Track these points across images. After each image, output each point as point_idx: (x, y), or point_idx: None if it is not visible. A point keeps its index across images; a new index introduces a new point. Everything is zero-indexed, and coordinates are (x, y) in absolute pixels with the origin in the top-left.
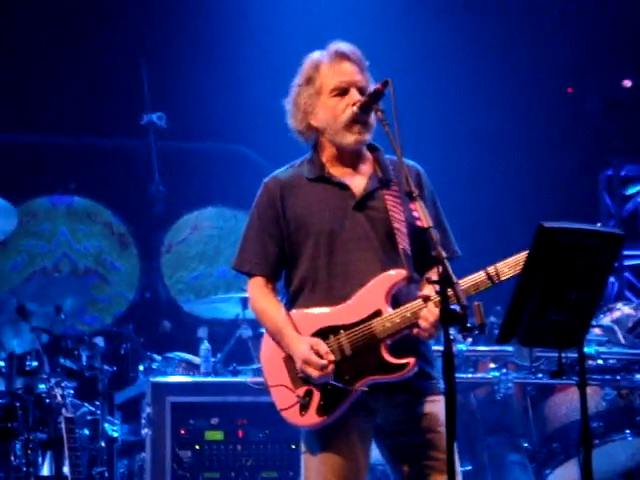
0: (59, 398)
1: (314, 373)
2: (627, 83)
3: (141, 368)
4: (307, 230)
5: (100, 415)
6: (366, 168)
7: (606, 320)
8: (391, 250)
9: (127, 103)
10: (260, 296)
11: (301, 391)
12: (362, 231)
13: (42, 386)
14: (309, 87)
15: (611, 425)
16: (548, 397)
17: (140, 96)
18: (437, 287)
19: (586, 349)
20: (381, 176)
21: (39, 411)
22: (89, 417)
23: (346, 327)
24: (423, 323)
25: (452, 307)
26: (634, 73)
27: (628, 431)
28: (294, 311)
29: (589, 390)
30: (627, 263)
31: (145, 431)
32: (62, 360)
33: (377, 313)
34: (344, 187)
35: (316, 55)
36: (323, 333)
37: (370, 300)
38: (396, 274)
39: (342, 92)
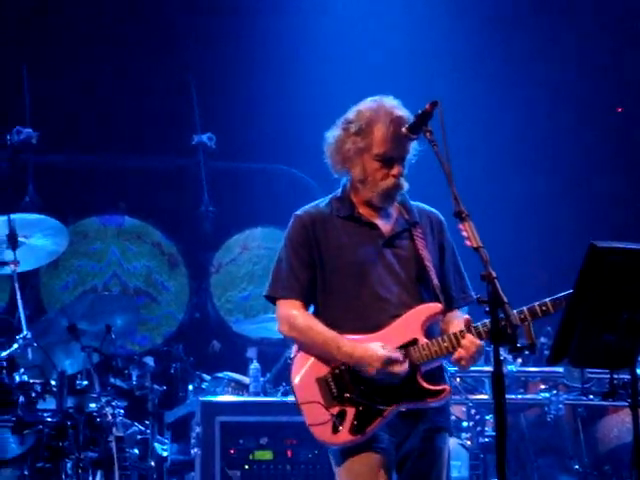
0: (109, 417)
1: (397, 369)
2: None
3: (190, 388)
4: (340, 262)
5: (150, 434)
6: (392, 211)
7: None
8: (418, 286)
9: (177, 124)
10: (301, 315)
11: (335, 410)
12: (391, 267)
13: (93, 405)
14: (357, 138)
15: None
16: (599, 419)
17: (190, 117)
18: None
19: (638, 371)
20: (407, 218)
21: (90, 430)
22: (139, 436)
23: None
24: (463, 352)
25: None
26: None
27: None
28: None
29: None
30: None
31: (195, 450)
32: (112, 379)
33: (413, 341)
34: (373, 227)
35: (373, 107)
36: None
37: (407, 329)
38: (433, 306)
39: (387, 161)
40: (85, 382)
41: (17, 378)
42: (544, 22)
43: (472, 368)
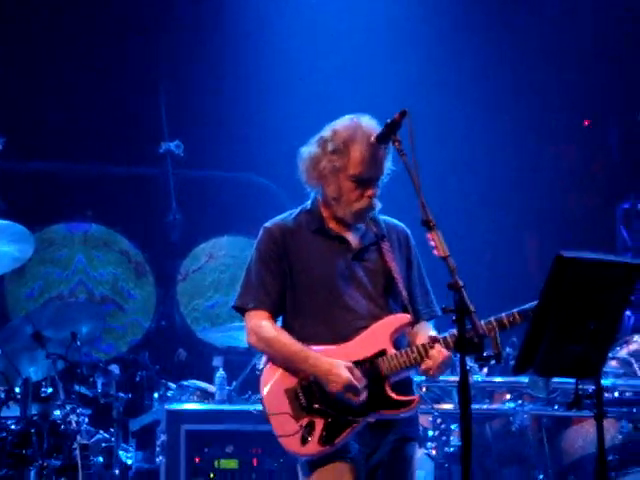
0: (74, 425)
1: (355, 399)
2: None
3: (156, 396)
4: (309, 275)
5: (115, 442)
6: (361, 225)
7: (623, 353)
8: (386, 297)
9: (144, 132)
10: (269, 327)
11: (304, 421)
12: (360, 281)
13: (57, 413)
14: (333, 157)
15: (627, 458)
16: (564, 429)
17: (158, 125)
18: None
19: (603, 381)
20: (375, 231)
21: (54, 438)
22: (104, 444)
23: (354, 363)
24: (430, 363)
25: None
26: None
27: None
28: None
29: (605, 423)
30: None
31: (160, 459)
32: (77, 387)
33: (382, 352)
34: (342, 240)
35: (350, 126)
36: None
37: (376, 340)
38: (402, 317)
39: (363, 182)
40: (50, 389)
41: None
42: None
43: (438, 378)
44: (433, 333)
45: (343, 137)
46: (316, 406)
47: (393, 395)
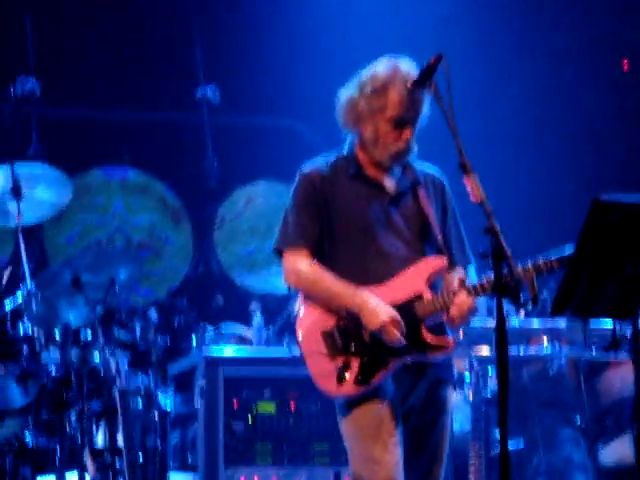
0: (113, 369)
1: (396, 336)
2: None
3: (194, 340)
4: (347, 219)
5: (153, 386)
6: (398, 170)
7: None
8: (422, 243)
9: (180, 77)
10: (310, 266)
11: (340, 361)
12: (396, 225)
13: (96, 357)
14: (372, 99)
15: None
16: (601, 373)
17: (194, 70)
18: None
19: None
20: (411, 177)
21: (93, 382)
22: (142, 388)
23: (393, 306)
24: (454, 311)
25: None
26: None
27: None
28: None
29: None
30: None
31: (198, 403)
32: (116, 332)
33: (418, 296)
34: (380, 186)
35: (388, 69)
36: None
37: (412, 283)
38: (438, 260)
39: (400, 124)
40: (89, 334)
41: (21, 329)
42: None
43: (475, 322)
44: (459, 278)
45: (381, 79)
46: (352, 346)
47: (429, 337)
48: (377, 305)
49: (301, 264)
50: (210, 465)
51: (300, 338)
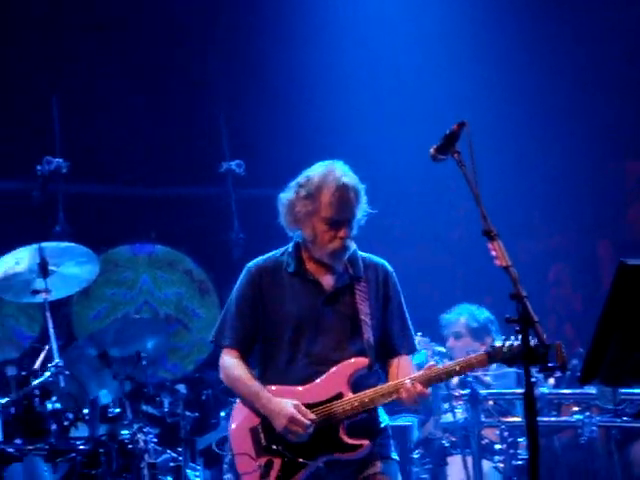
0: (142, 444)
1: (299, 430)
2: None
3: (223, 414)
4: (280, 317)
5: (182, 461)
6: (339, 266)
7: None
8: (355, 340)
9: (205, 152)
10: (235, 365)
11: (263, 460)
12: (328, 323)
13: (125, 432)
14: (307, 202)
15: None
16: (634, 441)
17: (218, 146)
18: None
19: None
20: (351, 272)
21: (122, 457)
22: (172, 463)
23: (310, 406)
24: (404, 394)
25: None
26: None
27: None
28: (267, 387)
29: None
30: None
31: (227, 477)
32: (144, 407)
33: (339, 396)
34: (317, 283)
35: (322, 173)
36: None
37: (333, 383)
38: (358, 362)
39: (334, 224)
40: (117, 409)
41: (50, 406)
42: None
43: (505, 390)
44: (412, 367)
45: (315, 183)
46: (274, 447)
47: (344, 438)
48: (277, 407)
49: (228, 362)
50: None
51: (231, 432)
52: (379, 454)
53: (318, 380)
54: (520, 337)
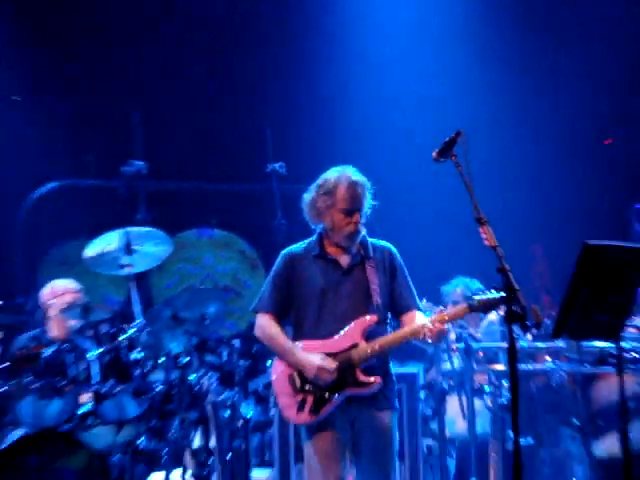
0: (205, 386)
1: (326, 376)
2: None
3: (268, 363)
4: (309, 288)
5: (237, 400)
6: (353, 248)
7: (638, 321)
8: (366, 303)
9: (255, 156)
10: (270, 325)
11: (298, 398)
12: (346, 292)
13: (192, 377)
14: (326, 198)
15: None
16: (593, 383)
17: (265, 151)
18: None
19: (623, 344)
20: (362, 253)
21: (190, 397)
22: (229, 401)
23: (334, 354)
24: (429, 333)
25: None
26: None
27: None
28: (298, 342)
29: (625, 377)
30: None
31: (273, 412)
32: (207, 357)
33: (355, 345)
34: (335, 262)
35: (336, 174)
36: None
37: (350, 336)
38: (369, 319)
39: (348, 213)
40: (186, 359)
41: (134, 356)
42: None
43: (491, 344)
44: (421, 316)
45: (332, 182)
46: (306, 387)
47: (361, 377)
48: (308, 361)
49: (264, 324)
50: (283, 461)
51: (273, 381)
52: (387, 403)
53: (339, 334)
54: (489, 292)
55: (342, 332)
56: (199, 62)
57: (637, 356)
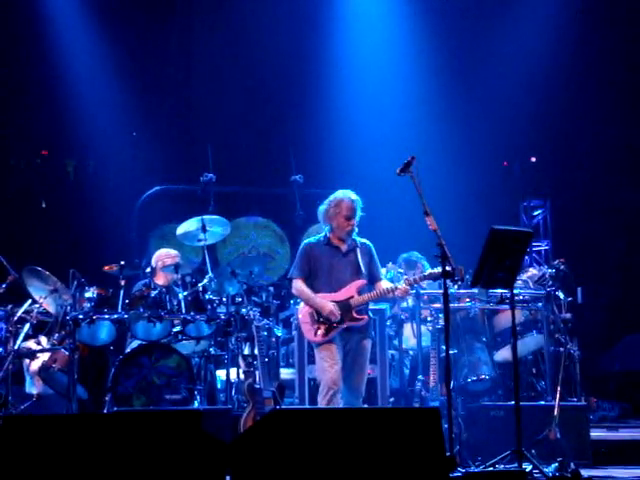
0: (252, 316)
1: (335, 314)
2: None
3: (292, 302)
4: (321, 264)
5: (272, 324)
6: (349, 240)
7: (524, 277)
8: (358, 273)
9: (280, 168)
10: (302, 285)
11: (315, 326)
12: (344, 267)
13: (244, 310)
14: (336, 208)
15: (526, 328)
16: (495, 315)
17: (289, 164)
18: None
19: (514, 290)
20: (355, 244)
21: (242, 322)
22: (266, 325)
23: (338, 302)
24: (399, 292)
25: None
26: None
27: (534, 331)
28: (316, 294)
29: (516, 311)
30: (534, 248)
31: (294, 332)
32: (253, 297)
33: (352, 297)
34: (338, 248)
35: (341, 195)
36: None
37: (349, 292)
38: (361, 282)
39: (348, 218)
40: (239, 298)
41: (207, 296)
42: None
43: (431, 290)
44: (387, 283)
45: (338, 199)
46: (321, 319)
47: (355, 315)
48: (325, 305)
49: (298, 286)
50: (301, 364)
51: (300, 316)
52: (367, 334)
53: (343, 289)
54: (439, 266)
55: (343, 289)
56: (252, 107)
57: (522, 298)
